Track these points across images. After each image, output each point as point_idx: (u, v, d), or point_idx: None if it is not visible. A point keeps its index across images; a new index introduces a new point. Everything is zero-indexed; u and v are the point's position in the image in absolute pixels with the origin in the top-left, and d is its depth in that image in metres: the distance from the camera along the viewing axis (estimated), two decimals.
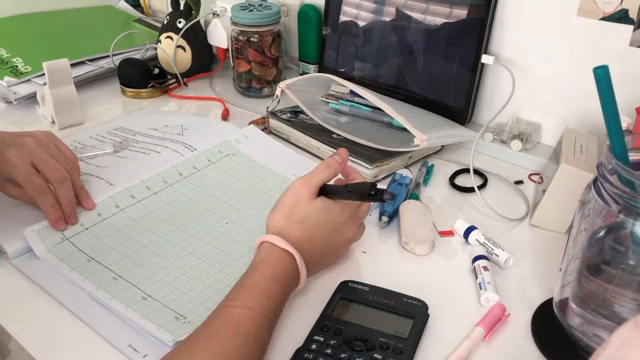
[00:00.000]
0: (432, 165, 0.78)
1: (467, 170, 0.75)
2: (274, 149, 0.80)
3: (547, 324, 0.52)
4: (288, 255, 0.51)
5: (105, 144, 0.78)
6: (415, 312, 0.52)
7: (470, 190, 0.72)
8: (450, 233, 0.65)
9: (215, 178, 0.72)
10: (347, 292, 0.54)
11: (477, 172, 0.76)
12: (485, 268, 0.58)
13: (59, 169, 0.61)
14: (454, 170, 0.77)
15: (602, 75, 0.42)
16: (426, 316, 0.52)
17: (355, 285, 0.55)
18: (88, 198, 0.64)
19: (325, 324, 0.50)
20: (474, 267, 0.59)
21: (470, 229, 0.63)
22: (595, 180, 0.46)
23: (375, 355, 0.47)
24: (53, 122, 0.87)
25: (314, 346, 0.48)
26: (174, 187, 0.70)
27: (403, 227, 0.64)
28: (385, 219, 0.66)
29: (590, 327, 0.48)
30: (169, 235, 0.63)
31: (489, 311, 0.53)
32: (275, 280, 0.49)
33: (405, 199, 0.69)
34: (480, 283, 0.56)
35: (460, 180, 0.75)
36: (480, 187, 0.73)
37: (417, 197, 0.70)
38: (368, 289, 0.54)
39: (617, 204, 0.43)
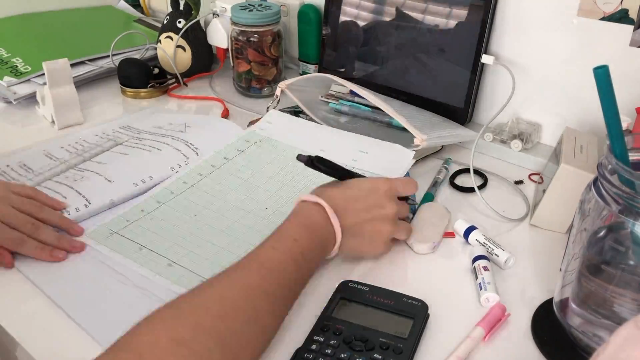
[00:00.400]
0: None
1: (467, 170, 0.75)
2: (299, 127, 0.80)
3: (547, 324, 0.52)
4: (319, 207, 0.54)
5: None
6: (415, 312, 0.52)
7: (470, 190, 0.72)
8: (451, 234, 0.65)
9: (247, 164, 0.74)
10: (347, 292, 0.54)
11: (477, 172, 0.76)
12: (485, 268, 0.58)
13: (26, 219, 0.59)
14: (454, 171, 0.77)
15: (602, 75, 0.42)
16: (426, 316, 0.52)
17: (355, 285, 0.55)
18: (72, 225, 0.63)
19: (325, 324, 0.50)
20: (474, 267, 0.59)
21: (470, 229, 0.63)
22: (595, 180, 0.46)
23: (375, 355, 0.47)
24: (53, 122, 0.87)
25: (314, 346, 0.48)
26: (210, 176, 0.72)
27: (413, 224, 0.64)
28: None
29: (590, 327, 0.48)
30: (214, 223, 0.65)
31: (489, 311, 0.53)
32: (303, 226, 0.52)
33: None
34: (480, 283, 0.56)
35: (460, 180, 0.75)
36: (481, 187, 0.74)
37: (431, 197, 0.70)
38: (368, 289, 0.54)
39: (617, 204, 0.43)
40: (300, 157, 0.57)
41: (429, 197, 0.70)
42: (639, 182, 0.42)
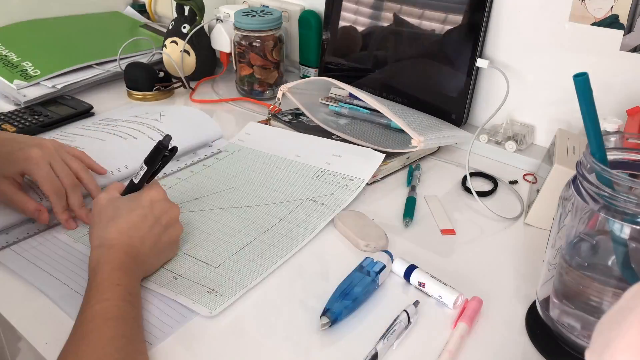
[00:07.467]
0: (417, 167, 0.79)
1: (476, 174, 0.78)
2: (276, 135, 0.84)
3: (539, 319, 0.52)
4: (112, 248, 0.54)
5: None
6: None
7: (480, 193, 0.73)
8: (451, 232, 0.66)
9: (225, 169, 0.78)
10: None
11: (487, 176, 0.78)
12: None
13: (71, 176, 0.64)
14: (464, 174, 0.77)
15: (582, 82, 0.43)
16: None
17: None
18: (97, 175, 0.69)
19: None
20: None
21: (410, 269, 0.57)
22: (574, 179, 0.47)
23: None
24: None
25: None
26: (189, 180, 0.75)
27: (355, 234, 0.63)
28: (325, 319, 0.51)
29: (567, 318, 0.48)
30: (186, 220, 0.67)
31: (466, 306, 0.53)
32: (115, 270, 0.53)
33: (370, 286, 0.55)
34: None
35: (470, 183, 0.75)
36: (491, 191, 0.75)
37: (414, 200, 0.71)
38: None
39: (595, 202, 0.44)
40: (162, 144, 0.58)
41: (410, 200, 0.70)
42: (617, 180, 0.42)
